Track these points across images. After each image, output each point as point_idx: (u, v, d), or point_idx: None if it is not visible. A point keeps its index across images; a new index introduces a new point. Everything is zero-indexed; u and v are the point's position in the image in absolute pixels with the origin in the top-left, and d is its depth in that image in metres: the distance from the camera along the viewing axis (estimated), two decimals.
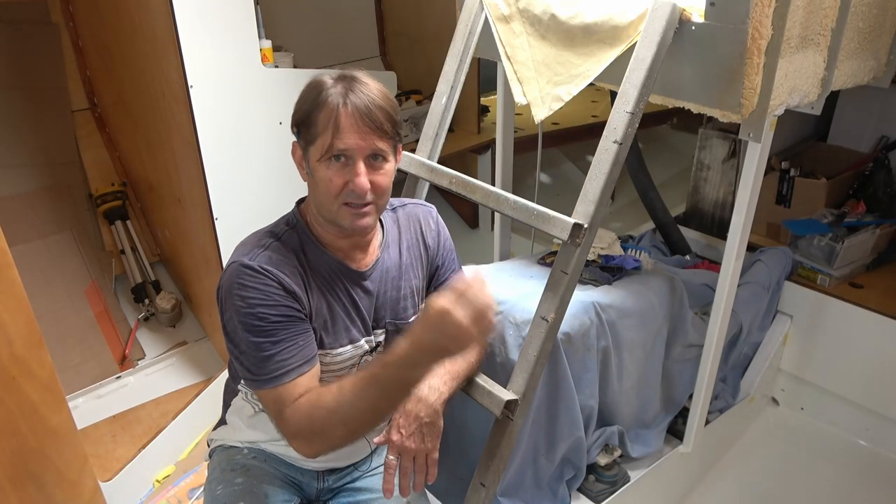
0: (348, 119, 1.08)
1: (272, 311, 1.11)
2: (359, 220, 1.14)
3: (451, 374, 1.25)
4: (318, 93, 1.11)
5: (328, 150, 1.09)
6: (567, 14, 1.49)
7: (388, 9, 3.28)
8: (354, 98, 1.09)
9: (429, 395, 1.19)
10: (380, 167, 1.13)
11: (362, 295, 1.24)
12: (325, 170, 1.11)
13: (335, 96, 1.09)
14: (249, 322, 1.10)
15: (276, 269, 1.12)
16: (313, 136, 1.11)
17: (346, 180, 1.11)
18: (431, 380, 1.21)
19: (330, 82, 1.11)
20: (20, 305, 1.35)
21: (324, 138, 1.09)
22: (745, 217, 1.51)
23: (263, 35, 1.98)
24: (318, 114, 1.10)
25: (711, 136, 2.46)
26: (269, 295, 1.11)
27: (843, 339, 2.18)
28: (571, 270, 1.28)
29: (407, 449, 1.16)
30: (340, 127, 1.08)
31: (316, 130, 1.10)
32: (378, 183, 1.13)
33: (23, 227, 2.32)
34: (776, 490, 2.12)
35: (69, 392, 2.12)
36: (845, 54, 1.55)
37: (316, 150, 1.11)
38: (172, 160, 2.14)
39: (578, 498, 1.65)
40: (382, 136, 1.11)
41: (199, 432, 2.18)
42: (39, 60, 2.44)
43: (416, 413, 1.17)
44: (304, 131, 1.13)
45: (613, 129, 1.30)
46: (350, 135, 1.08)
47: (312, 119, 1.10)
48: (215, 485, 1.29)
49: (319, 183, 1.13)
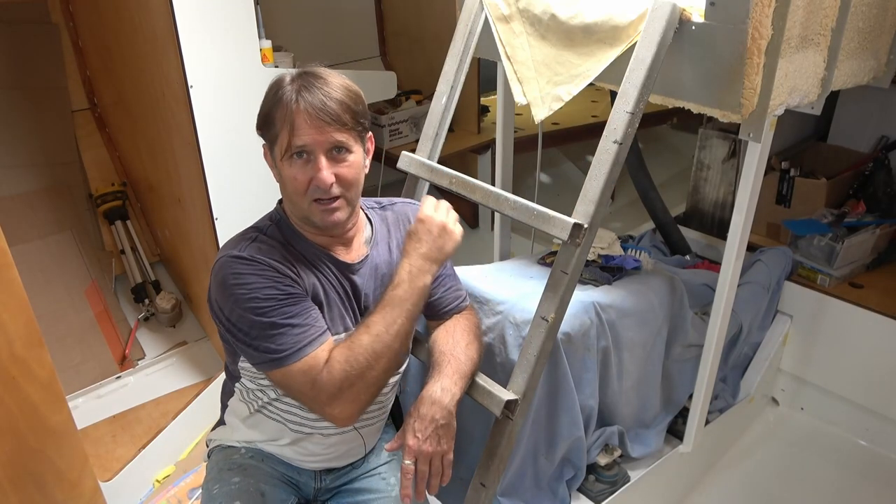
0: (301, 116, 1.10)
1: (276, 291, 1.12)
2: (329, 216, 1.16)
3: (460, 373, 1.24)
4: (274, 92, 1.13)
5: (287, 148, 1.12)
6: (567, 14, 1.48)
7: (388, 9, 3.28)
8: (307, 94, 1.10)
9: (442, 396, 1.18)
10: (343, 159, 1.14)
11: (350, 288, 1.25)
12: (288, 168, 1.14)
13: (289, 93, 1.11)
14: (256, 305, 1.11)
15: (266, 257, 1.14)
16: (273, 136, 1.14)
17: (310, 176, 1.13)
18: (443, 381, 1.20)
19: (287, 80, 1.14)
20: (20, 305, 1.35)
21: (282, 137, 1.12)
22: (745, 217, 1.51)
23: (263, 35, 1.98)
24: (275, 113, 1.12)
25: (711, 136, 2.46)
26: (268, 278, 1.12)
27: (843, 339, 2.18)
28: (571, 270, 1.28)
29: (424, 452, 1.15)
30: (295, 124, 1.10)
31: (275, 130, 1.13)
32: (343, 175, 1.14)
33: (23, 227, 2.32)
34: (776, 490, 2.12)
35: (69, 392, 2.12)
36: (845, 54, 1.55)
37: (278, 150, 1.14)
38: (172, 160, 2.14)
39: (578, 498, 1.65)
40: (341, 127, 1.12)
41: (199, 432, 2.18)
42: (39, 60, 2.44)
43: (432, 416, 1.16)
44: (266, 132, 1.16)
45: (613, 129, 1.30)
46: (305, 130, 1.10)
47: (270, 119, 1.13)
48: (212, 484, 1.29)
49: (287, 182, 1.15)
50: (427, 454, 1.15)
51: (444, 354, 1.27)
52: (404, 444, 1.16)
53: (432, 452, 1.15)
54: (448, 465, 1.18)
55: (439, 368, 1.24)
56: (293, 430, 1.28)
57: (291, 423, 1.28)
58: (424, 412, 1.16)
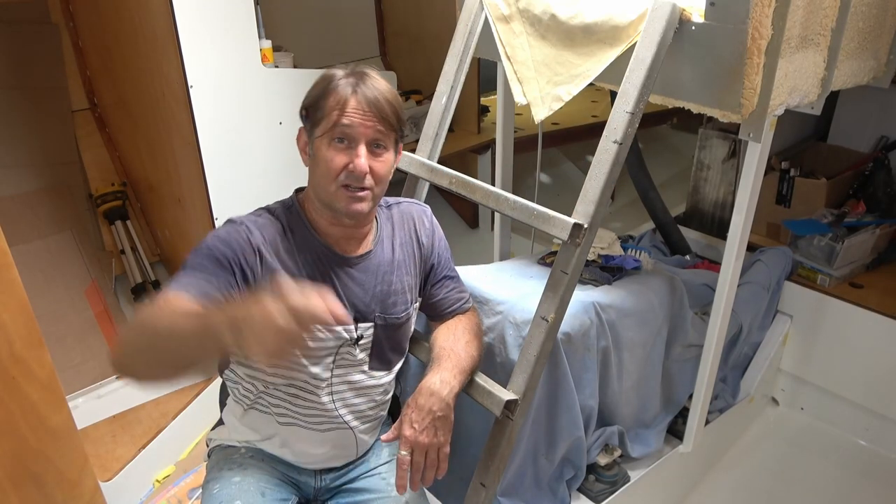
0: (354, 102, 1.13)
1: (221, 246, 1.12)
2: (354, 205, 1.17)
3: (460, 368, 1.25)
4: (328, 82, 1.16)
5: (333, 126, 1.14)
6: (567, 14, 1.48)
7: (388, 9, 3.28)
8: (364, 88, 1.15)
9: (440, 388, 1.18)
10: (380, 154, 1.17)
11: (347, 282, 1.24)
12: (325, 149, 1.15)
13: (345, 86, 1.15)
14: (197, 248, 1.13)
15: (253, 227, 1.17)
16: (319, 117, 1.16)
17: (346, 162, 1.14)
18: (442, 373, 1.21)
19: (341, 74, 1.17)
20: (20, 305, 1.35)
21: (330, 117, 1.14)
22: (745, 217, 1.51)
23: (263, 35, 1.98)
24: (327, 96, 1.15)
25: (711, 136, 2.46)
26: (231, 238, 1.14)
27: (843, 339, 2.18)
28: (571, 270, 1.28)
29: (420, 443, 1.15)
30: (346, 108, 1.13)
31: (322, 112, 1.15)
32: (377, 170, 1.17)
33: (23, 227, 2.31)
34: (776, 490, 2.12)
35: (69, 392, 2.12)
36: (845, 54, 1.55)
37: (320, 129, 1.16)
38: (172, 160, 2.14)
39: (578, 498, 1.65)
40: (386, 125, 1.16)
41: (199, 432, 2.18)
42: (39, 60, 2.44)
43: (429, 407, 1.16)
44: (311, 114, 1.18)
45: (613, 129, 1.30)
46: (355, 116, 1.13)
47: (320, 103, 1.16)
48: (212, 484, 1.29)
49: (320, 163, 1.16)
50: (423, 445, 1.15)
51: (444, 349, 1.28)
52: (401, 435, 1.16)
53: (428, 444, 1.15)
54: (444, 458, 1.18)
55: (439, 362, 1.25)
56: (280, 424, 1.28)
57: (279, 417, 1.27)
58: (422, 403, 1.17)
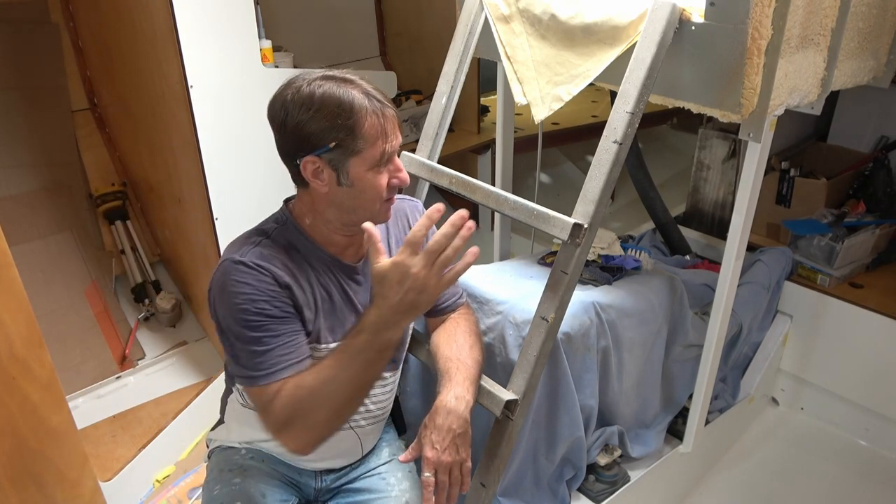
0: (390, 123, 1.12)
1: (268, 306, 1.11)
2: (389, 213, 1.21)
3: (470, 379, 1.24)
4: (349, 106, 1.09)
5: (380, 157, 1.12)
6: (567, 14, 1.48)
7: (388, 9, 3.28)
8: (383, 108, 1.12)
9: (457, 405, 1.17)
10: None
11: (356, 288, 1.25)
12: (374, 176, 1.14)
13: (367, 104, 1.10)
14: (245, 318, 1.10)
15: (268, 264, 1.13)
16: (360, 147, 1.10)
17: (389, 178, 1.16)
18: (455, 389, 1.20)
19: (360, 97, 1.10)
20: (20, 305, 1.35)
21: (374, 148, 1.11)
22: (745, 217, 1.51)
23: (263, 35, 1.98)
24: (362, 126, 1.09)
25: (711, 136, 2.46)
26: (264, 290, 1.11)
27: (843, 339, 2.18)
28: (571, 270, 1.28)
29: (444, 463, 1.14)
30: (387, 132, 1.12)
31: (363, 142, 1.10)
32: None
33: (23, 227, 2.31)
34: (776, 490, 2.12)
35: (69, 392, 2.12)
36: (845, 54, 1.55)
37: (364, 162, 1.11)
38: (172, 160, 2.14)
39: (578, 498, 1.65)
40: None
41: (199, 432, 2.18)
42: (39, 60, 2.44)
43: (448, 426, 1.15)
44: (348, 144, 1.10)
45: (613, 129, 1.30)
46: (395, 135, 1.14)
47: (357, 132, 1.09)
48: (213, 485, 1.29)
49: (367, 190, 1.14)
50: (447, 465, 1.14)
51: (451, 360, 1.27)
52: (423, 457, 1.15)
53: (451, 462, 1.15)
54: (466, 473, 1.18)
55: (449, 376, 1.23)
56: None
57: None
58: (441, 423, 1.15)
